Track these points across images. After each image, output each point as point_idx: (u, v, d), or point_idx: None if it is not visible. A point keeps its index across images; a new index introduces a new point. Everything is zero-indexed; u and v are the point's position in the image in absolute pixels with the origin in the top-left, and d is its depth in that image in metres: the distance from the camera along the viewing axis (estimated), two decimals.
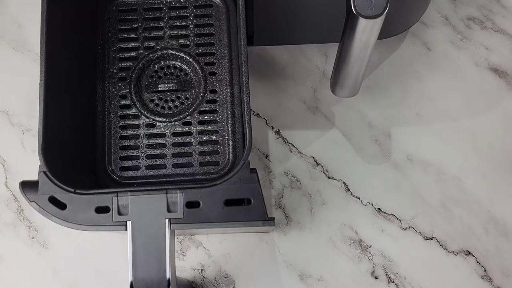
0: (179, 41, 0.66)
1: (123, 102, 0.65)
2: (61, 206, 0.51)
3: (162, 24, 0.67)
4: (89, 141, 0.63)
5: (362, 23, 0.55)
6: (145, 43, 0.66)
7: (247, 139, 0.53)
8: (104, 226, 0.51)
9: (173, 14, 0.67)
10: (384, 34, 0.65)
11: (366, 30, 0.56)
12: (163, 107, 0.65)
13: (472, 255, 0.69)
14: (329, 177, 0.71)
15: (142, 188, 0.52)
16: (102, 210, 0.51)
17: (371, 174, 0.71)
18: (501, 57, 0.75)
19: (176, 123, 0.64)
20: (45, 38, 0.54)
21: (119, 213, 0.51)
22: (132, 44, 0.66)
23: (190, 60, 0.66)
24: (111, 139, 0.64)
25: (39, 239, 0.70)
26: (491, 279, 0.68)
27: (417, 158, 0.71)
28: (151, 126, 0.64)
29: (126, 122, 0.64)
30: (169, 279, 0.49)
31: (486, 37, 0.76)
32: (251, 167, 0.52)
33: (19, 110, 0.74)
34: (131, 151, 0.63)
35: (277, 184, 0.71)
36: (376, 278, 0.68)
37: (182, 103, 0.65)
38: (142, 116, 0.64)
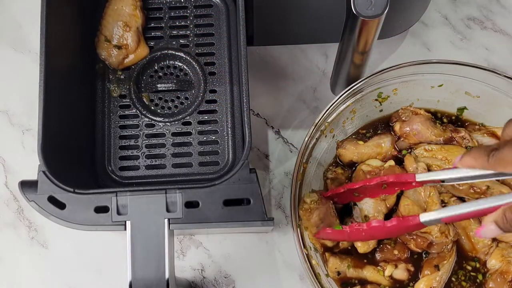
0: (179, 41, 0.66)
1: (123, 102, 0.65)
2: (60, 205, 0.51)
3: (162, 24, 0.67)
4: (88, 141, 0.63)
5: (362, 23, 0.55)
6: None
7: (247, 139, 0.53)
8: (103, 226, 0.51)
9: (173, 14, 0.67)
10: (384, 34, 0.65)
11: (366, 30, 0.56)
12: (162, 107, 0.65)
13: None
14: None
15: (141, 188, 0.52)
16: (101, 210, 0.51)
17: None
18: (501, 58, 0.75)
19: (176, 123, 0.64)
20: (45, 38, 0.54)
21: (118, 213, 0.51)
22: None
23: (190, 60, 0.66)
24: (111, 139, 0.64)
25: (39, 239, 0.70)
26: None
27: None
28: (151, 126, 0.64)
29: (126, 122, 0.64)
30: (168, 279, 0.49)
31: (486, 37, 0.76)
32: (250, 167, 0.52)
33: (19, 110, 0.74)
34: (131, 151, 0.63)
35: (277, 184, 0.71)
36: None
37: (182, 103, 0.65)
38: (142, 116, 0.64)
